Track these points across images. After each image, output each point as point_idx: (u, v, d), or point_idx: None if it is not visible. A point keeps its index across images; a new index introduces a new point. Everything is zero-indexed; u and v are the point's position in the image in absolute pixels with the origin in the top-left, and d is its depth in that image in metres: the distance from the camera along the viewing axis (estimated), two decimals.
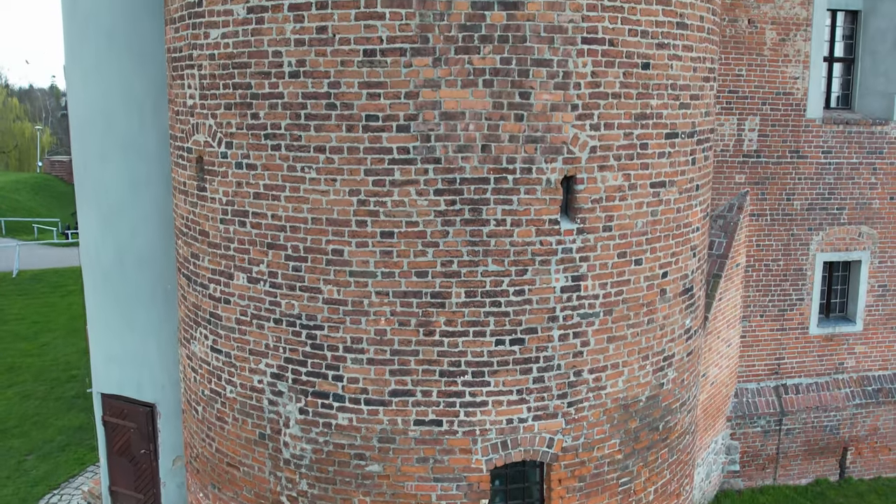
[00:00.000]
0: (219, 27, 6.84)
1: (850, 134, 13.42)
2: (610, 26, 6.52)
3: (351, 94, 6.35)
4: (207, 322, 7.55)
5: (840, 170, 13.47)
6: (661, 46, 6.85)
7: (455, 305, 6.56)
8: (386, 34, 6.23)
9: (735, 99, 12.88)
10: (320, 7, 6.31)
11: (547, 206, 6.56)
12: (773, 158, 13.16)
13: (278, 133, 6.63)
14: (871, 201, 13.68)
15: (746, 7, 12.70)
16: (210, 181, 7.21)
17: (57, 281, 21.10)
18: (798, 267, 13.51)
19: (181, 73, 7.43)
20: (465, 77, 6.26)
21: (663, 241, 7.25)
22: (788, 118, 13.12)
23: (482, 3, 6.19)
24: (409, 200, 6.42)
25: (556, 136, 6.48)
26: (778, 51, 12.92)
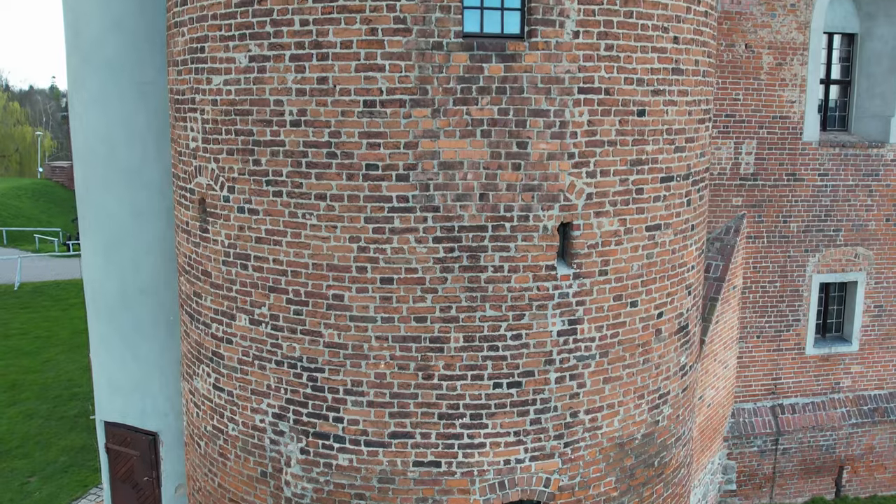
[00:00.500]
0: (221, 74, 6.95)
1: (847, 157, 13.53)
2: (606, 76, 6.63)
3: (351, 143, 6.47)
4: (210, 360, 7.66)
5: (836, 192, 13.58)
6: (656, 93, 6.96)
7: (453, 350, 6.68)
8: (386, 86, 6.34)
9: (732, 123, 12.99)
10: (321, 58, 6.42)
11: (544, 252, 6.67)
12: (770, 181, 13.27)
13: (280, 180, 6.74)
14: (868, 223, 13.79)
15: (744, 32, 12.80)
16: (212, 223, 7.33)
17: (58, 294, 21.23)
18: (794, 288, 13.62)
19: (184, 115, 7.54)
20: (463, 128, 6.38)
21: (659, 282, 7.36)
22: (785, 141, 13.23)
23: (480, 56, 6.30)
24: (409, 248, 6.54)
25: (553, 184, 6.59)
26: (775, 75, 13.03)
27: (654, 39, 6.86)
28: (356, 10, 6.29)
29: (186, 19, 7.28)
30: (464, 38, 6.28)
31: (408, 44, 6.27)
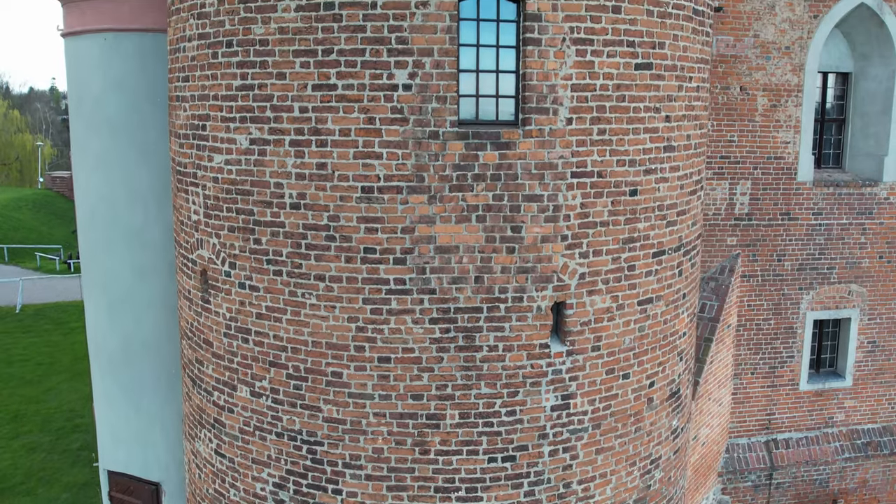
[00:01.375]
0: (222, 153, 7.10)
1: (841, 196, 13.68)
2: (598, 159, 6.79)
3: (350, 227, 6.62)
4: (212, 426, 7.82)
5: (830, 231, 13.73)
6: (648, 172, 7.11)
7: (449, 426, 6.84)
8: (383, 173, 6.50)
9: (727, 164, 13.14)
10: (320, 144, 6.58)
11: (538, 331, 6.83)
12: (765, 221, 13.42)
13: (280, 259, 6.90)
14: (861, 260, 13.94)
15: (738, 75, 12.95)
16: (214, 295, 7.48)
17: (60, 317, 21.41)
18: (789, 325, 13.78)
19: (186, 187, 7.70)
20: (459, 213, 6.53)
21: (650, 353, 7.52)
22: (780, 181, 13.38)
23: (475, 144, 6.46)
24: (406, 328, 6.70)
25: (547, 266, 6.75)
26: (769, 116, 13.18)
27: (646, 121, 7.01)
28: (354, 100, 6.44)
29: (188, 95, 7.43)
30: (459, 128, 6.44)
31: (405, 133, 6.43)
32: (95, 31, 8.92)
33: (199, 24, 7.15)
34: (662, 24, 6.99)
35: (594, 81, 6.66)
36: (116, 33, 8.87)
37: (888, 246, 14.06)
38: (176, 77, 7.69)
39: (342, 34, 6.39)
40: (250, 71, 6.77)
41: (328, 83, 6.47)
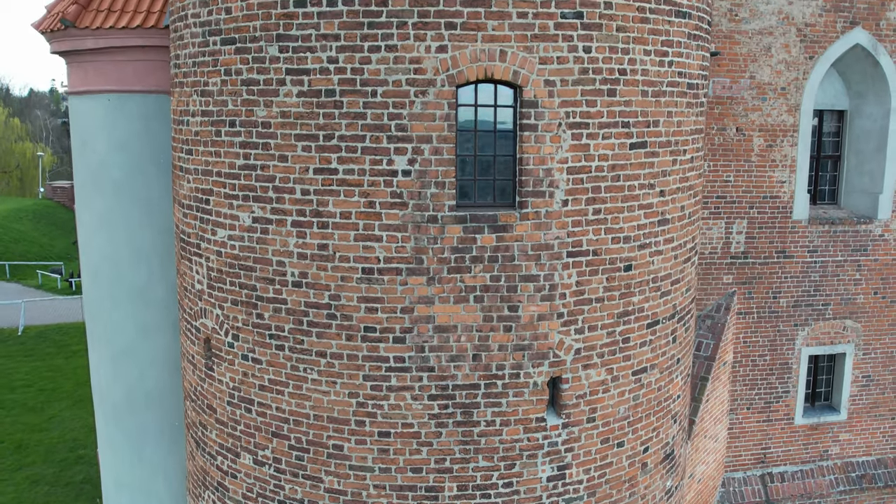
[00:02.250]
0: (225, 228, 7.25)
1: (836, 233, 13.83)
2: (594, 238, 6.94)
3: (350, 306, 6.77)
4: (215, 489, 7.98)
5: (825, 268, 13.88)
6: (642, 247, 7.26)
7: (447, 498, 7.00)
8: (383, 255, 6.65)
9: (723, 204, 13.29)
10: (321, 226, 6.72)
11: (534, 405, 6.99)
12: (761, 259, 13.57)
13: (282, 335, 7.05)
14: (856, 296, 14.10)
15: (735, 116, 13.09)
16: (218, 364, 7.64)
17: (61, 340, 21.57)
18: (784, 361, 13.93)
19: (190, 255, 7.85)
20: (457, 294, 6.68)
21: (645, 419, 7.68)
22: (775, 220, 13.53)
23: (473, 228, 6.61)
24: (405, 404, 6.85)
25: (543, 343, 6.90)
26: (765, 156, 13.32)
27: (640, 198, 7.16)
28: (355, 184, 6.59)
29: (192, 168, 7.58)
30: (458, 211, 6.58)
31: (404, 217, 6.58)
32: (99, 91, 9.06)
33: (202, 100, 7.29)
34: (657, 103, 7.14)
35: (590, 163, 6.81)
36: (120, 94, 9.02)
37: (883, 282, 14.21)
38: (180, 147, 7.83)
39: (343, 120, 6.53)
40: (253, 152, 6.91)
41: (329, 167, 6.62)
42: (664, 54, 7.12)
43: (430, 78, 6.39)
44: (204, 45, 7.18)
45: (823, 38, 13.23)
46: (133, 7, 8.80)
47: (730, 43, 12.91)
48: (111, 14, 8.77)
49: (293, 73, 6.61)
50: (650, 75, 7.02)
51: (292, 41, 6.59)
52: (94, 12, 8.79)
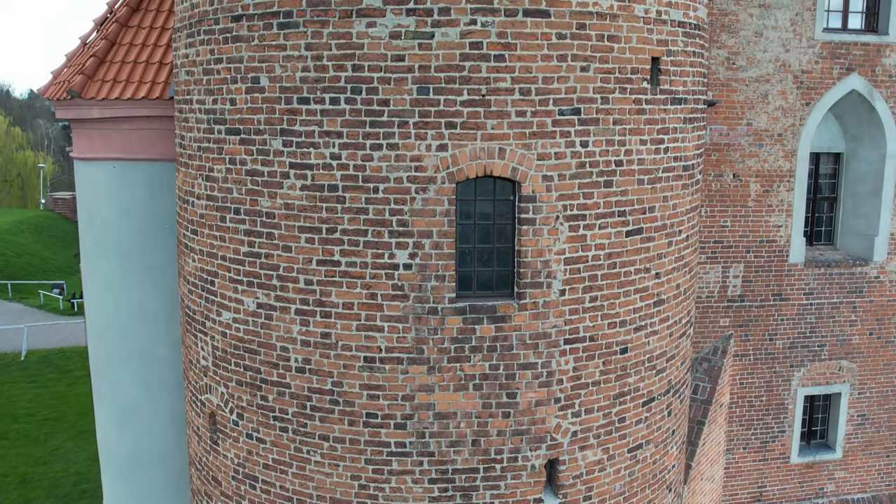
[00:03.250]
0: (230, 311, 7.41)
1: (832, 276, 13.98)
2: (590, 324, 7.10)
3: (353, 393, 6.94)
4: None
5: (821, 309, 14.04)
6: (638, 329, 7.42)
7: None
8: (385, 344, 6.81)
9: (720, 248, 13.44)
10: (324, 315, 6.88)
11: (532, 487, 7.15)
12: (757, 302, 13.73)
13: (286, 417, 7.22)
14: (851, 337, 14.25)
15: (732, 162, 13.24)
16: (223, 439, 7.80)
17: (64, 365, 21.72)
18: (780, 402, 14.10)
19: (195, 331, 8.00)
20: (457, 382, 6.85)
21: (640, 493, 7.84)
22: (772, 264, 13.68)
23: (473, 319, 6.77)
24: (406, 487, 7.02)
25: (541, 427, 7.07)
26: (762, 201, 13.47)
27: (636, 282, 7.31)
28: (357, 276, 6.75)
29: (197, 248, 7.73)
30: (457, 303, 6.74)
31: (405, 308, 6.74)
32: (105, 159, 9.22)
33: (207, 185, 7.45)
34: (653, 189, 7.29)
35: (586, 253, 6.96)
36: (126, 162, 9.17)
37: (878, 323, 14.37)
38: (185, 225, 7.99)
39: (345, 215, 6.69)
40: (257, 240, 7.07)
41: (332, 259, 6.78)
42: (660, 142, 7.27)
43: (431, 175, 6.55)
44: (209, 132, 7.34)
45: (820, 85, 13.38)
46: (138, 77, 8.95)
47: (727, 91, 13.06)
48: (116, 84, 8.92)
49: (297, 168, 6.77)
50: (646, 164, 7.18)
51: (296, 136, 6.74)
52: (100, 82, 8.94)
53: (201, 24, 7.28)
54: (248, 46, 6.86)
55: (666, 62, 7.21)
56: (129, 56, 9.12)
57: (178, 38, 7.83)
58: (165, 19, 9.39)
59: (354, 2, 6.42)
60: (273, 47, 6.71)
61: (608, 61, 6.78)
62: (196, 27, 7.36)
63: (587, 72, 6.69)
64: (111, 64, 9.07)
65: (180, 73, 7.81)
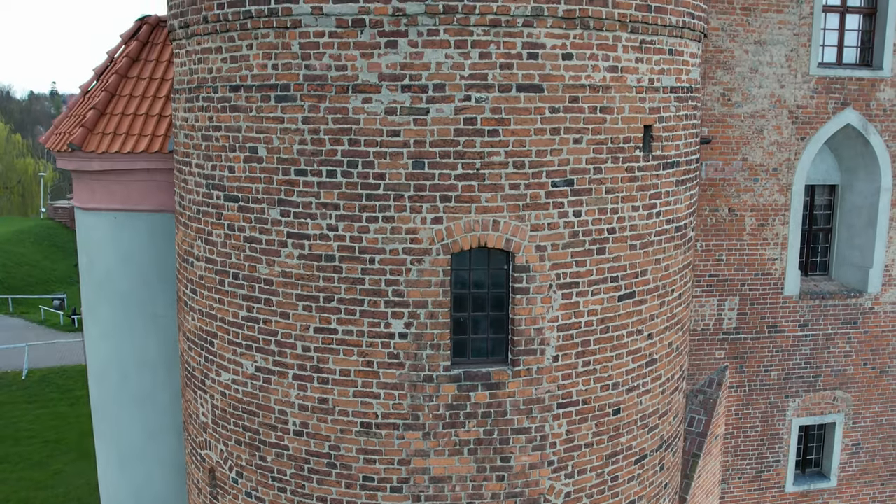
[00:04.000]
0: (229, 372, 7.53)
1: (827, 307, 14.09)
2: (583, 388, 7.21)
3: (350, 457, 7.06)
4: None
5: (816, 341, 14.15)
6: (630, 390, 7.54)
7: None
8: (381, 411, 6.92)
9: (715, 282, 13.55)
10: (322, 381, 7.00)
11: None
12: (752, 334, 13.85)
13: (284, 478, 7.34)
14: (846, 368, 14.37)
15: (727, 197, 13.35)
16: (222, 495, 7.92)
17: (65, 384, 21.84)
18: (775, 432, 14.22)
19: (195, 388, 8.12)
20: (452, 447, 6.96)
21: None
22: (767, 296, 13.79)
23: (467, 386, 6.89)
24: None
25: (535, 490, 7.19)
26: (757, 235, 13.58)
27: (628, 344, 7.43)
28: (354, 344, 6.87)
29: (197, 308, 7.85)
30: (452, 371, 6.86)
31: (401, 376, 6.85)
32: (106, 209, 9.33)
33: (206, 248, 7.56)
34: (645, 254, 7.40)
35: (579, 319, 7.08)
36: (127, 212, 9.28)
37: (872, 353, 14.49)
38: (185, 283, 8.10)
39: (342, 284, 6.80)
40: (256, 305, 7.19)
41: (329, 327, 6.90)
42: (652, 206, 7.39)
43: (426, 247, 6.66)
44: (208, 196, 7.45)
45: (815, 120, 13.48)
46: (138, 130, 9.06)
47: (722, 127, 13.16)
48: (117, 137, 9.03)
49: (294, 237, 6.88)
50: (638, 229, 7.29)
51: (294, 206, 6.85)
52: (101, 135, 9.05)
53: (200, 90, 7.39)
54: (246, 117, 6.97)
55: (658, 129, 7.32)
56: (129, 108, 9.22)
57: (178, 100, 7.93)
58: (165, 70, 9.50)
59: (350, 78, 6.53)
60: (271, 119, 6.83)
61: (601, 132, 6.89)
62: (195, 93, 7.46)
63: (580, 143, 6.81)
64: (111, 116, 9.18)
65: (179, 135, 7.92)
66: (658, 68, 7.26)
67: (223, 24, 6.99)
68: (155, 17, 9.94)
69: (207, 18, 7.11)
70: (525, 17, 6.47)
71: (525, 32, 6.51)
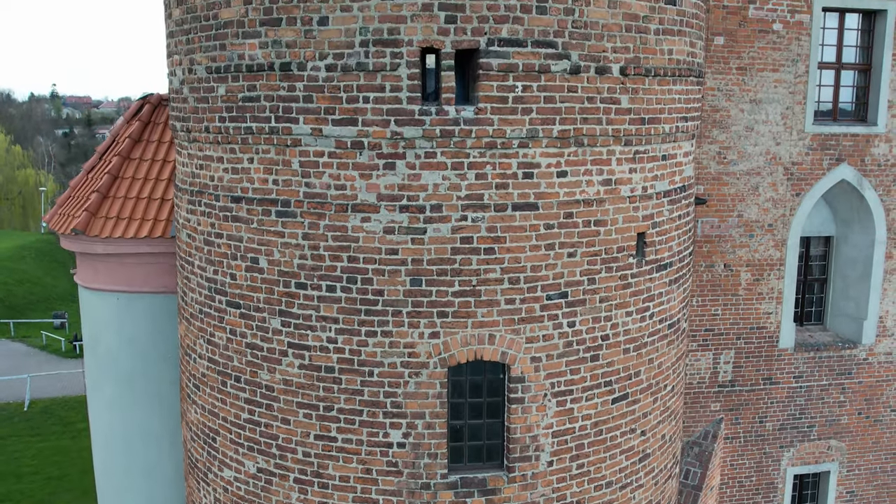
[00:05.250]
0: (231, 469, 7.68)
1: (821, 359, 14.24)
2: (577, 490, 7.37)
3: None
4: None
5: (811, 392, 14.31)
6: (623, 487, 7.69)
7: None
8: None
9: (711, 336, 13.70)
10: (322, 486, 7.16)
11: None
12: (747, 386, 14.00)
13: None
14: (840, 418, 14.53)
15: (723, 253, 13.49)
16: None
17: (67, 415, 21.99)
18: (770, 481, 14.39)
19: (198, 479, 8.28)
20: None
21: None
22: (762, 349, 13.95)
23: (464, 493, 7.04)
24: None
25: None
26: (752, 290, 13.73)
27: (621, 444, 7.58)
28: (353, 452, 7.03)
29: (200, 404, 8.00)
30: (449, 478, 7.01)
31: (399, 483, 7.01)
32: (109, 290, 9.48)
33: (209, 347, 7.72)
34: (638, 356, 7.56)
35: (573, 425, 7.23)
36: (129, 294, 9.43)
37: (867, 403, 14.64)
38: (188, 376, 8.25)
39: (342, 395, 6.96)
40: (257, 409, 7.34)
41: (329, 435, 7.05)
42: (646, 310, 7.53)
43: (424, 361, 6.81)
44: (210, 298, 7.60)
45: (810, 176, 13.61)
46: (140, 215, 9.20)
47: (718, 184, 13.30)
48: (120, 222, 9.17)
49: (295, 347, 7.03)
50: (632, 333, 7.44)
51: (294, 318, 7.00)
52: (104, 219, 9.19)
53: (202, 195, 7.53)
54: (247, 228, 7.12)
55: (651, 234, 7.46)
56: (132, 191, 9.37)
57: (180, 198, 8.08)
58: (167, 152, 9.64)
59: (350, 197, 6.67)
60: (272, 233, 6.97)
61: (595, 244, 7.04)
62: (197, 197, 7.61)
63: (574, 257, 6.95)
64: (114, 199, 9.33)
65: (182, 232, 8.06)
66: (651, 175, 7.40)
67: (224, 136, 7.13)
68: (157, 96, 10.07)
69: (209, 129, 7.25)
70: (521, 139, 6.61)
71: (521, 153, 6.66)
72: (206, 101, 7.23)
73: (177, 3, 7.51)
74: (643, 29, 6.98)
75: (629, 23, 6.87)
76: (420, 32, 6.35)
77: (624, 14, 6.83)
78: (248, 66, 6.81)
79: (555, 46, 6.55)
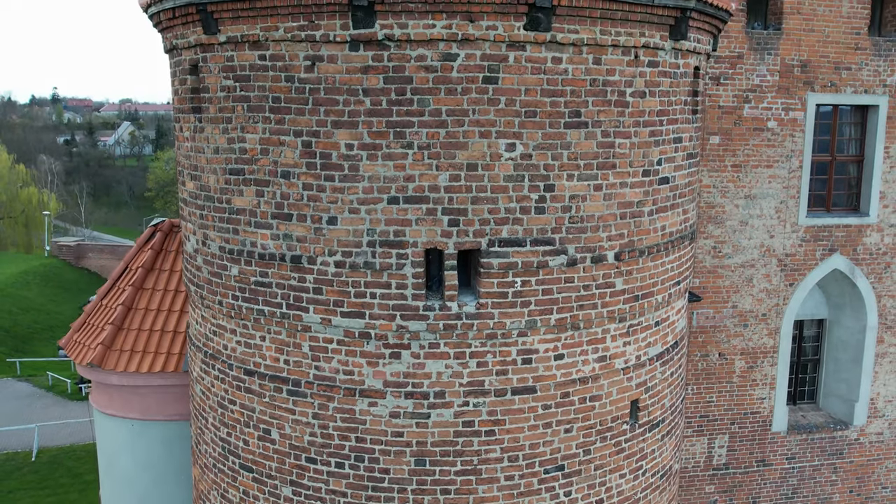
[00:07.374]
0: None
1: (813, 440, 14.62)
2: None
3: None
4: None
5: (803, 472, 14.69)
6: None
7: None
8: None
9: (706, 422, 14.07)
10: None
11: None
12: (741, 469, 14.38)
13: None
14: (832, 496, 14.91)
15: (717, 342, 13.84)
16: None
17: (75, 466, 22.28)
18: None
19: None
20: None
21: None
22: (755, 433, 14.32)
23: None
24: None
25: None
26: (746, 377, 14.09)
27: None
28: None
29: None
30: None
31: None
32: (124, 417, 9.83)
33: (222, 501, 8.06)
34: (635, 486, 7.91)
35: None
36: (144, 422, 9.79)
37: (858, 481, 15.02)
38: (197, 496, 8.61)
39: None
40: None
41: None
42: (639, 469, 7.88)
43: None
44: (223, 457, 7.94)
45: (803, 266, 13.95)
46: (154, 348, 9.54)
47: (713, 277, 13.64)
48: (134, 355, 9.52)
49: None
50: (625, 493, 7.78)
51: (304, 489, 7.36)
52: (118, 352, 9.54)
53: (216, 360, 7.87)
54: (259, 401, 7.46)
55: (644, 399, 7.81)
56: (146, 323, 9.71)
57: (194, 357, 8.41)
58: (178, 281, 9.98)
59: (357, 382, 7.02)
60: (283, 409, 7.32)
61: (590, 418, 7.38)
62: (211, 360, 7.95)
63: (570, 432, 7.30)
64: (128, 331, 9.67)
65: (196, 387, 8.41)
66: (645, 343, 7.74)
67: (237, 312, 7.47)
68: (168, 222, 10.40)
69: (222, 303, 7.59)
70: (520, 329, 6.95)
71: (520, 341, 7.00)
72: (219, 277, 7.57)
73: (191, 177, 7.84)
74: (637, 213, 7.30)
75: (623, 210, 7.20)
76: (424, 235, 6.69)
77: (619, 203, 7.16)
78: (260, 253, 7.15)
79: (552, 243, 6.89)
